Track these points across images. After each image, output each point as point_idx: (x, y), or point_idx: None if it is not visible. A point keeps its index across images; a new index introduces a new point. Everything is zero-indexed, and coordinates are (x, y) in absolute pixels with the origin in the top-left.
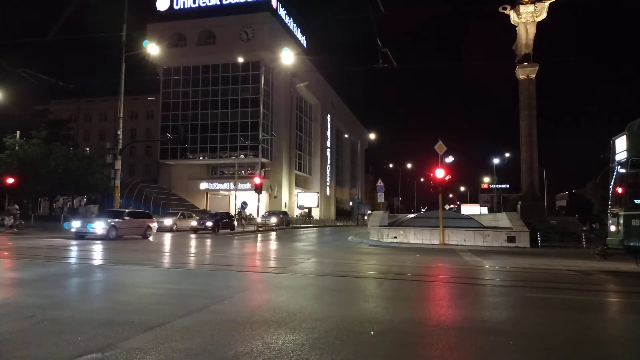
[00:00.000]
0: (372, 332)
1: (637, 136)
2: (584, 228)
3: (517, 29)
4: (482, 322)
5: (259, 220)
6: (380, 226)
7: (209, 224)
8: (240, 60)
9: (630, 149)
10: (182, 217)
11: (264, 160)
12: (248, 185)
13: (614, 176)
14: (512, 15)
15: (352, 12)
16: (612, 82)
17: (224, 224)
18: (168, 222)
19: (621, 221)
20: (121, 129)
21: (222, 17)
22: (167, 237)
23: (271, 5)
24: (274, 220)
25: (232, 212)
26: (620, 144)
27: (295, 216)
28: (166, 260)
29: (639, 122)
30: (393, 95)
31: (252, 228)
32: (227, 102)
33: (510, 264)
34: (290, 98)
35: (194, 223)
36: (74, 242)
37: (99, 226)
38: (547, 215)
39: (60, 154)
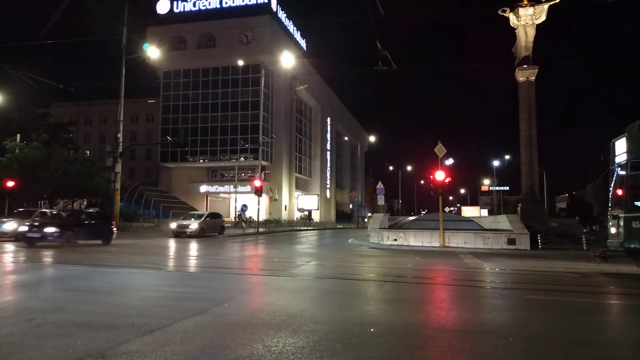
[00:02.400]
0: (372, 335)
1: (636, 138)
2: (584, 230)
3: (516, 31)
4: (483, 324)
5: (173, 226)
6: (380, 229)
7: (49, 230)
8: (241, 63)
9: (630, 151)
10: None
11: (264, 162)
12: (248, 188)
13: (614, 178)
14: (512, 17)
15: (352, 15)
16: (611, 84)
17: (90, 231)
18: (10, 225)
19: (621, 223)
20: (121, 132)
21: (222, 21)
22: None
23: (271, 9)
24: (193, 227)
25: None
26: (620, 146)
27: (295, 219)
28: None
29: (639, 124)
30: (393, 97)
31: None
32: (227, 104)
33: (511, 266)
34: (290, 101)
35: (22, 228)
36: None
37: None
38: (547, 218)
39: (60, 157)
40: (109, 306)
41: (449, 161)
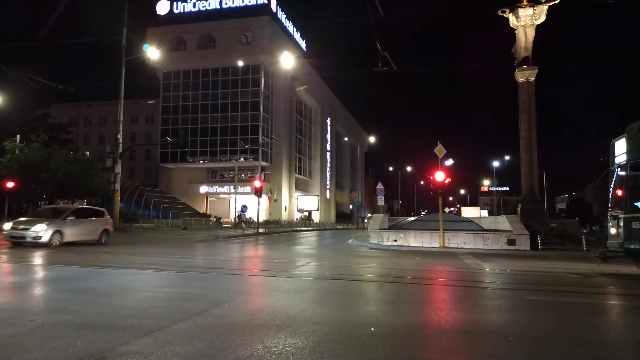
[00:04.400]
0: (372, 336)
1: (636, 139)
2: (584, 231)
3: (516, 32)
4: (483, 325)
5: (7, 227)
6: (380, 229)
7: None
8: (240, 63)
9: (629, 151)
10: None
11: (264, 163)
12: (248, 189)
13: (614, 179)
14: (511, 18)
15: (351, 15)
16: (611, 85)
17: None
18: None
19: (621, 224)
20: (121, 133)
21: (222, 21)
22: None
23: (271, 9)
24: (38, 229)
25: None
26: (620, 147)
27: (295, 219)
28: None
29: (638, 124)
30: (393, 98)
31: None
32: (227, 105)
33: (511, 267)
34: (290, 101)
35: None
36: None
37: None
38: (547, 218)
39: (60, 158)
40: (108, 307)
41: (449, 162)
